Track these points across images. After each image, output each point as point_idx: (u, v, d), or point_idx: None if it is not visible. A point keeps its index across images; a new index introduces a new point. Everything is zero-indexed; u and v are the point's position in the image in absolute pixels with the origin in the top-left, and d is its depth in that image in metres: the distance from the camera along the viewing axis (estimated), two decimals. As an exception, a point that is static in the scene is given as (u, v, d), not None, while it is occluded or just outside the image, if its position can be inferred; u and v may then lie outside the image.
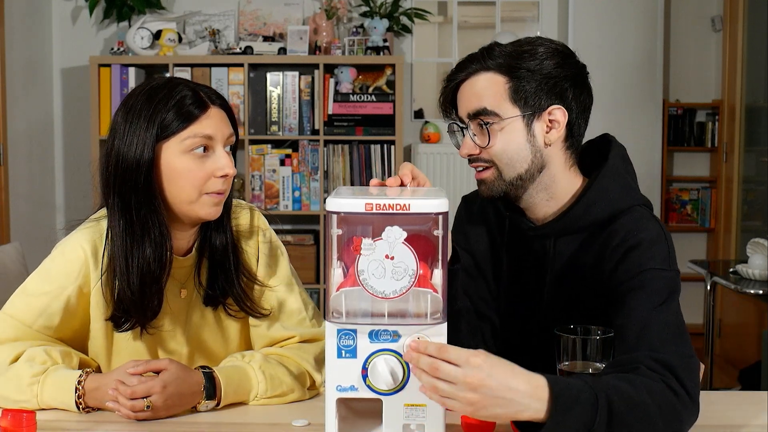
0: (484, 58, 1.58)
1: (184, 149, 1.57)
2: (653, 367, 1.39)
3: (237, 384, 1.59)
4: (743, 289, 3.51)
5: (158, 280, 1.60)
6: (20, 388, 1.54)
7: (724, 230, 5.12)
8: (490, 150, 1.58)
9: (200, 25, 4.77)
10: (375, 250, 1.26)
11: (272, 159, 4.62)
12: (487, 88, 1.57)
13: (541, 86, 1.56)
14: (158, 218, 1.58)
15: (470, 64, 1.59)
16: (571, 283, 1.60)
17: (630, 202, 1.59)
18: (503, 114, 1.56)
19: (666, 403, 1.36)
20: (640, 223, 1.56)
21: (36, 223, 4.60)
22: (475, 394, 1.25)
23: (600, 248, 1.57)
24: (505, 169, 1.58)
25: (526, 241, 1.65)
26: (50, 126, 4.87)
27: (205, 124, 1.58)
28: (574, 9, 4.87)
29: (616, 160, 1.63)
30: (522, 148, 1.58)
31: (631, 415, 1.32)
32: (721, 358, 4.65)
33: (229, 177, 1.61)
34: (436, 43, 5.06)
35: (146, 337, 1.67)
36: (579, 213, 1.59)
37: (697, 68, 5.32)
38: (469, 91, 1.58)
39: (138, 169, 1.56)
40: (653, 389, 1.36)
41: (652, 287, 1.49)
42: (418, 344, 1.28)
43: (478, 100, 1.57)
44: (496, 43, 1.61)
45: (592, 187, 1.59)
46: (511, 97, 1.56)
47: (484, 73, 1.58)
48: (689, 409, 1.40)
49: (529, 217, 1.66)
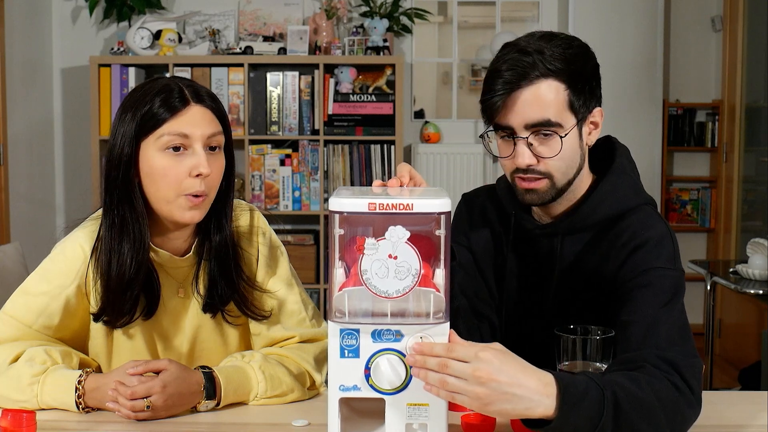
0: (543, 63, 1.49)
1: (160, 147, 1.55)
2: (658, 365, 1.39)
3: (237, 384, 1.58)
4: (743, 289, 3.51)
5: (133, 282, 1.58)
6: (20, 388, 1.54)
7: (724, 230, 5.13)
8: (550, 161, 1.52)
9: (200, 25, 4.77)
10: (378, 249, 1.26)
11: (272, 159, 4.62)
12: (550, 97, 1.49)
13: (590, 89, 1.54)
14: (137, 216, 1.57)
15: (530, 71, 1.49)
16: (578, 282, 1.59)
17: (637, 201, 1.59)
18: (565, 124, 1.51)
19: (670, 401, 1.36)
20: (647, 222, 1.55)
21: (36, 223, 4.60)
22: (484, 389, 1.24)
23: (606, 247, 1.57)
24: (560, 178, 1.55)
25: (532, 239, 1.64)
26: (50, 126, 4.87)
27: (181, 122, 1.55)
28: (574, 9, 4.87)
29: (623, 160, 1.62)
30: (575, 155, 1.55)
31: (636, 412, 1.32)
32: (721, 358, 4.65)
33: (207, 177, 1.56)
34: (436, 43, 5.06)
35: (146, 337, 1.67)
36: (587, 211, 1.58)
37: (697, 68, 5.32)
38: (530, 100, 1.49)
39: (119, 165, 1.56)
40: (658, 387, 1.36)
41: (659, 286, 1.48)
42: (422, 347, 1.27)
43: (541, 110, 1.49)
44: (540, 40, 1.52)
45: (600, 186, 1.59)
46: (569, 105, 1.51)
47: (545, 81, 1.50)
48: (693, 407, 1.40)
49: (535, 215, 1.65)
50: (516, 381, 1.25)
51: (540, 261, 1.63)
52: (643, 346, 1.42)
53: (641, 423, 1.32)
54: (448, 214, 1.27)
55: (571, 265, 1.60)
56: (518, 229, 1.66)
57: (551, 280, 1.62)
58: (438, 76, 5.05)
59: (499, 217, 1.70)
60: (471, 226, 1.72)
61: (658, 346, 1.42)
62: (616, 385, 1.32)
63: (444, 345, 1.27)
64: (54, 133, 4.90)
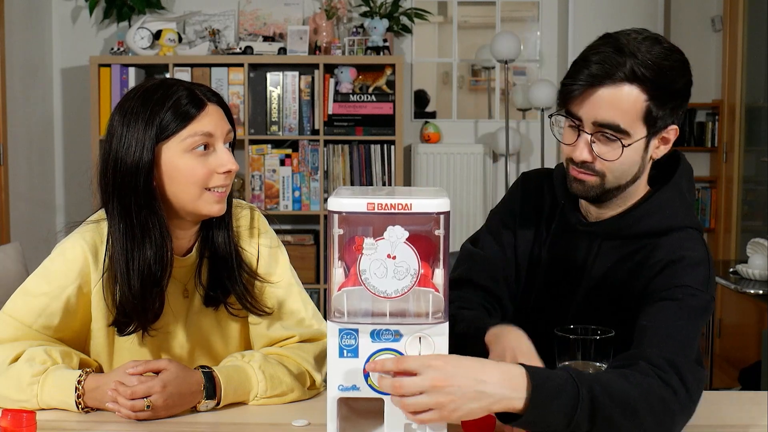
0: (633, 67, 1.45)
1: (185, 148, 1.57)
2: (659, 365, 1.37)
3: (237, 384, 1.59)
4: (743, 289, 3.51)
5: (159, 281, 1.60)
6: (20, 388, 1.54)
7: (724, 230, 5.13)
8: (607, 164, 1.50)
9: (200, 25, 4.77)
10: (377, 249, 1.26)
11: (272, 159, 4.62)
12: (627, 104, 1.46)
13: (672, 106, 1.51)
14: (158, 219, 1.58)
15: (617, 71, 1.46)
16: (605, 291, 1.58)
17: (685, 222, 1.56)
18: (634, 135, 1.48)
19: (658, 398, 1.34)
20: (688, 242, 1.53)
21: (36, 223, 4.60)
22: (445, 395, 1.23)
23: (642, 259, 1.55)
24: (612, 181, 1.53)
25: (572, 235, 1.63)
26: (50, 126, 4.87)
27: (204, 122, 1.58)
28: (574, 9, 4.87)
29: (682, 180, 1.60)
30: (634, 164, 1.53)
31: (616, 409, 1.30)
32: (721, 358, 4.65)
33: (232, 173, 1.61)
34: (436, 43, 5.06)
35: (147, 338, 1.67)
36: (632, 221, 1.57)
37: (697, 68, 5.21)
38: (608, 99, 1.46)
39: (138, 172, 1.56)
40: (648, 384, 1.34)
41: (686, 303, 1.46)
42: (374, 364, 1.27)
43: (614, 113, 1.47)
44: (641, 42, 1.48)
45: (652, 198, 1.57)
46: (644, 117, 1.48)
47: (628, 86, 1.46)
48: (685, 409, 1.38)
49: (583, 211, 1.63)
50: (476, 378, 1.25)
51: (575, 258, 1.62)
52: (651, 347, 1.41)
53: (622, 419, 1.30)
54: (447, 214, 1.27)
55: (603, 272, 1.59)
56: (562, 220, 1.64)
57: (579, 285, 1.61)
58: (438, 76, 5.05)
59: (550, 204, 1.68)
60: (522, 210, 1.70)
61: (666, 350, 1.40)
62: (595, 380, 1.31)
63: (393, 358, 1.26)
64: (54, 133, 4.90)
